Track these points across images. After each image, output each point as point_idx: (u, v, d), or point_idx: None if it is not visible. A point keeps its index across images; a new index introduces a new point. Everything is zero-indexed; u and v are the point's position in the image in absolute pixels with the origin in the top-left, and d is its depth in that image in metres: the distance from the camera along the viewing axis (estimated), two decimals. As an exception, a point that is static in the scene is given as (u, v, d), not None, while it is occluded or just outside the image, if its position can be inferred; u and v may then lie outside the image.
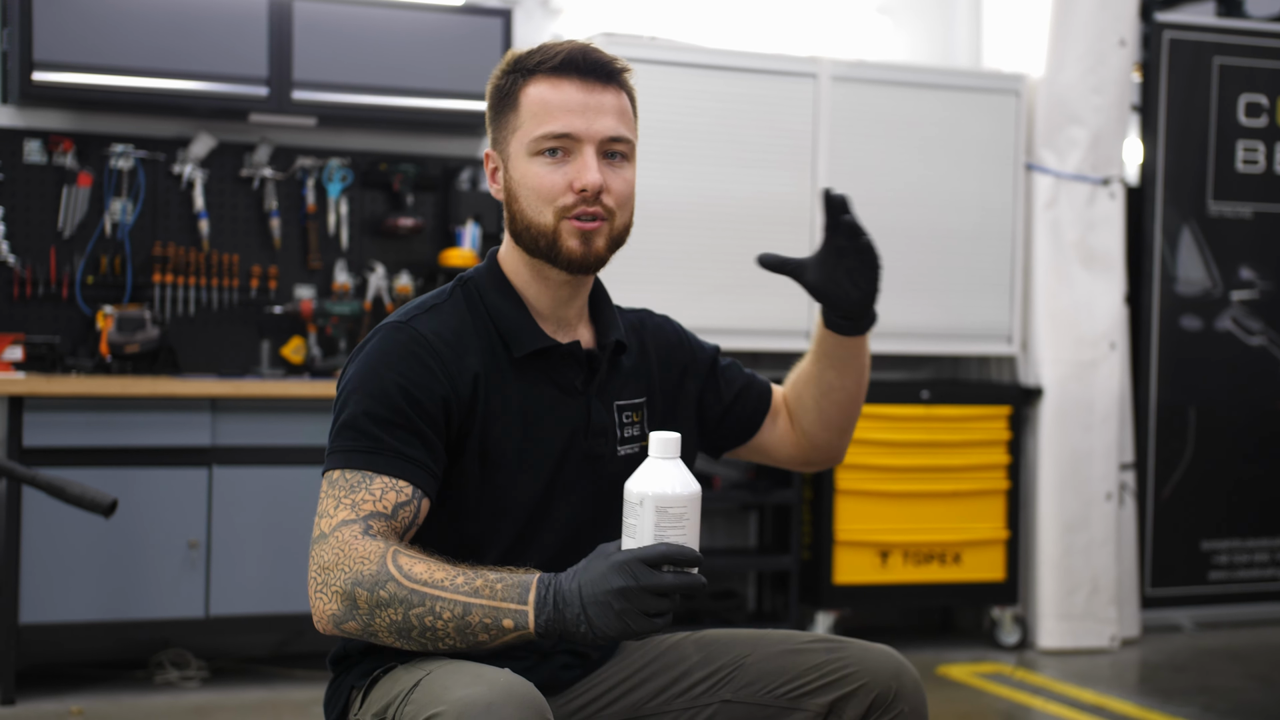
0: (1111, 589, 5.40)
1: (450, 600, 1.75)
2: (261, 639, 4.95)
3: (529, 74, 2.00)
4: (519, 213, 2.00)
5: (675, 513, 1.74)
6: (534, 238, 1.99)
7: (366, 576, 1.78)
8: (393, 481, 1.87)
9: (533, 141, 1.98)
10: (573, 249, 1.98)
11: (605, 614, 1.70)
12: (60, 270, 4.78)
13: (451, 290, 2.06)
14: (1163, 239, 5.72)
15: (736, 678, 2.03)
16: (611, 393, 2.09)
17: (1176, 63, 5.71)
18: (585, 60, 1.99)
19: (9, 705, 4.28)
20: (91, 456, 4.37)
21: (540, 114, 1.98)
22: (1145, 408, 5.69)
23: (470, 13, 5.01)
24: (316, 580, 1.82)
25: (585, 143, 1.97)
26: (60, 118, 4.81)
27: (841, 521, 5.16)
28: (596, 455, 2.05)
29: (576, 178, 1.96)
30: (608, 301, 2.15)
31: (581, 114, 1.98)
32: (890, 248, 5.25)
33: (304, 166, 5.03)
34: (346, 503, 1.86)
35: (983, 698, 4.66)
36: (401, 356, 1.94)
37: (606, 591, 1.70)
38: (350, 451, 1.89)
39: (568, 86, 1.98)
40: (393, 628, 1.77)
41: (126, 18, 4.59)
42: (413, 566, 1.78)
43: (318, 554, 1.83)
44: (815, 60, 5.23)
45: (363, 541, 1.81)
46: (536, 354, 2.02)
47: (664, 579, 1.70)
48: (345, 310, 4.94)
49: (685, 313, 3.62)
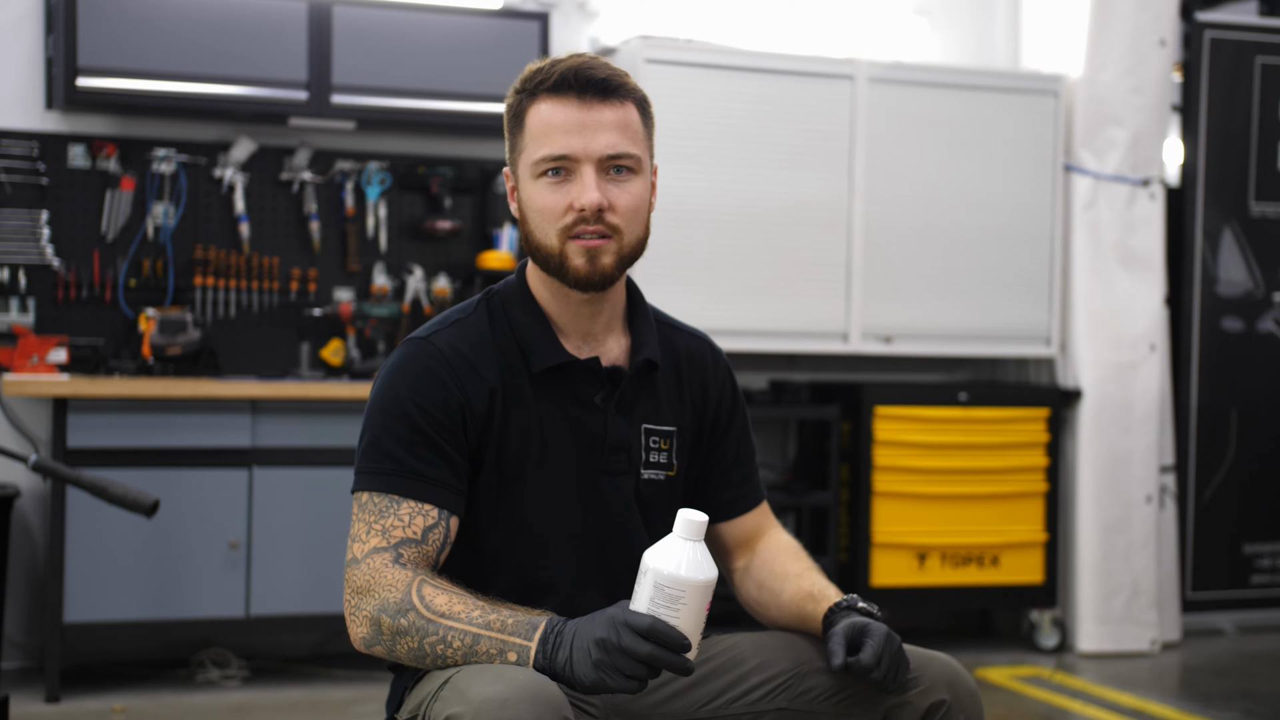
0: (1152, 592, 5.37)
1: (461, 631, 1.82)
2: (301, 638, 4.98)
3: (532, 94, 2.01)
4: (529, 233, 2.02)
5: (671, 593, 1.75)
6: (544, 258, 2.01)
7: (391, 604, 1.86)
8: (419, 506, 1.93)
9: (534, 164, 1.99)
10: (579, 267, 1.99)
11: (584, 661, 1.75)
12: (103, 273, 4.83)
13: (476, 304, 2.08)
14: (1203, 240, 5.68)
15: (793, 685, 2.02)
16: (640, 412, 2.09)
17: (1218, 62, 5.67)
18: (578, 78, 1.98)
19: (54, 703, 4.33)
20: (134, 457, 4.41)
21: (540, 136, 1.99)
22: (1186, 410, 5.65)
23: (507, 16, 5.03)
24: (350, 603, 1.91)
25: (584, 162, 1.97)
26: (103, 122, 4.86)
27: (879, 523, 5.15)
28: (616, 472, 2.06)
29: (576, 198, 1.97)
30: (645, 315, 2.14)
31: (579, 133, 1.97)
32: (928, 249, 5.30)
33: (343, 170, 5.06)
34: (377, 529, 1.92)
35: (1021, 701, 4.64)
36: (417, 373, 1.98)
37: (589, 640, 1.75)
38: (375, 474, 1.95)
39: (566, 105, 1.98)
40: (410, 654, 1.86)
41: (168, 23, 4.64)
42: (435, 598, 1.85)
43: (351, 578, 1.91)
44: (852, 62, 5.22)
45: (392, 570, 1.88)
46: (555, 369, 2.03)
47: (641, 646, 1.73)
48: (384, 312, 4.97)
49: (721, 314, 3.64)
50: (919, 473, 5.18)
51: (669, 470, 2.11)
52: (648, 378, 2.10)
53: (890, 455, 5.15)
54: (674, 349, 2.16)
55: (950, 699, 1.97)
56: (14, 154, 4.75)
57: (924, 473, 5.18)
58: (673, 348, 2.16)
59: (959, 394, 5.26)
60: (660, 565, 1.76)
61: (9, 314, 4.73)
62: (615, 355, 2.09)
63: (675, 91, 4.88)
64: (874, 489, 5.14)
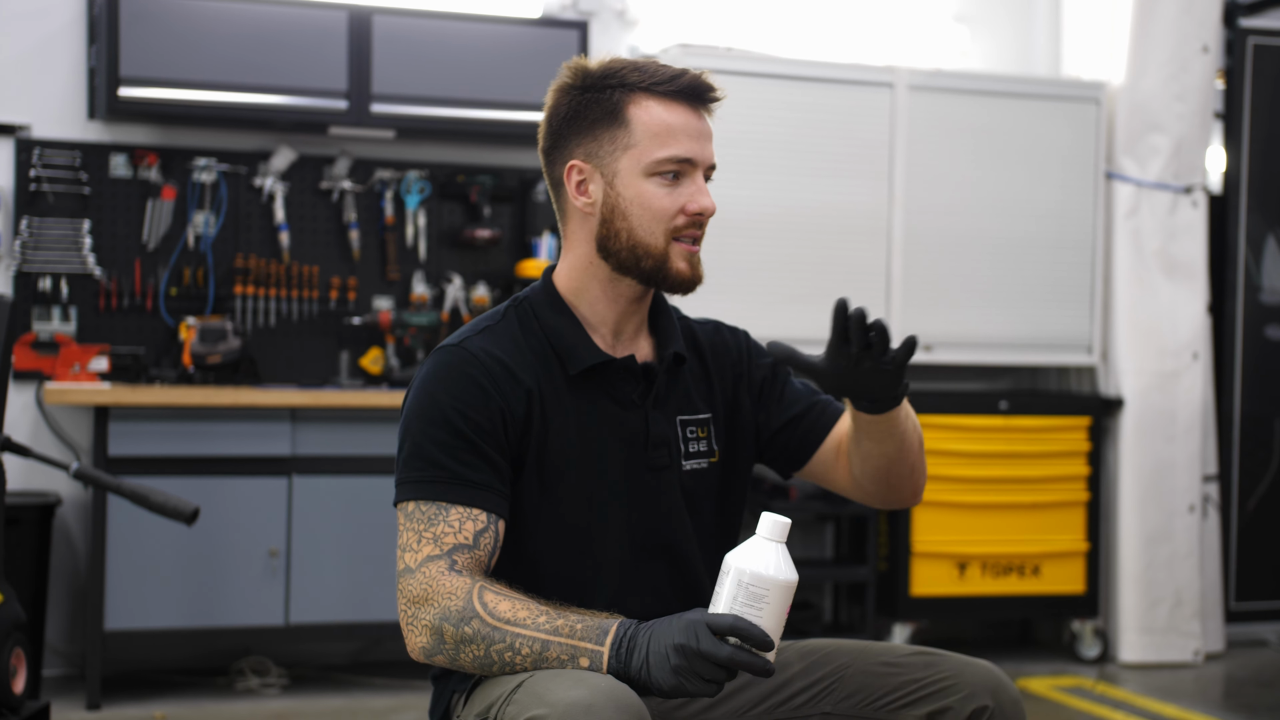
0: (1195, 602, 5.32)
1: (529, 637, 1.81)
2: (341, 647, 4.99)
3: (635, 90, 2.01)
4: (625, 230, 2.01)
5: (756, 591, 1.75)
6: (639, 257, 2.01)
7: (453, 613, 1.84)
8: (468, 511, 1.92)
9: (653, 163, 1.99)
10: (682, 271, 2.02)
11: (662, 667, 1.74)
12: (145, 282, 4.86)
13: (505, 311, 2.08)
14: (1247, 247, 5.63)
15: (836, 690, 2.02)
16: (673, 405, 2.09)
17: (1261, 69, 5.63)
18: (697, 88, 2.02)
19: (95, 710, 4.35)
20: (174, 466, 4.43)
21: (662, 135, 1.99)
22: (1229, 419, 5.60)
23: (547, 25, 5.04)
24: (406, 614, 1.89)
25: (700, 168, 2.02)
26: (145, 132, 4.89)
27: (919, 533, 5.12)
28: (659, 467, 2.06)
29: (691, 201, 2.00)
30: (667, 312, 2.14)
31: (697, 139, 2.02)
32: (968, 257, 5.27)
33: (382, 179, 5.07)
34: (428, 536, 1.91)
35: (1063, 711, 4.61)
36: (455, 379, 1.97)
37: (667, 646, 1.74)
38: (420, 482, 1.94)
39: (681, 110, 2.01)
40: (475, 662, 1.84)
41: (209, 34, 4.66)
42: (498, 604, 1.84)
43: (405, 587, 1.90)
44: (892, 70, 5.21)
45: (449, 578, 1.87)
46: (592, 369, 2.03)
47: (721, 649, 1.72)
48: (423, 321, 4.98)
49: (762, 322, 3.63)
50: (959, 481, 5.15)
51: (710, 457, 2.11)
52: (676, 371, 2.11)
53: (930, 464, 5.10)
54: (695, 341, 2.17)
55: (993, 705, 1.96)
56: (57, 164, 4.79)
57: (964, 482, 5.15)
58: (694, 339, 2.17)
59: (1000, 403, 5.23)
60: (745, 564, 1.76)
61: (51, 323, 4.76)
62: (646, 353, 2.10)
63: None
64: (914, 498, 5.10)
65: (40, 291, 4.75)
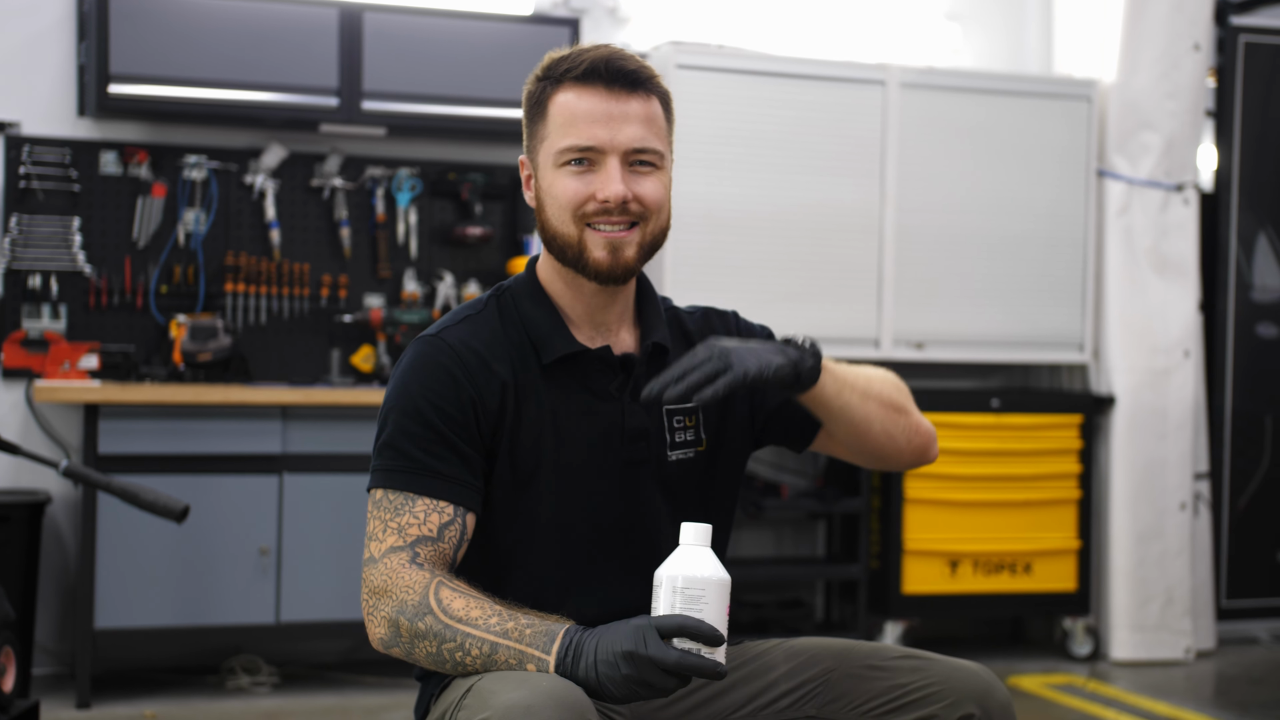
0: (1186, 600, 5.33)
1: (479, 639, 1.81)
2: (332, 645, 4.98)
3: (557, 81, 1.99)
4: (546, 222, 2.01)
5: (692, 594, 1.74)
6: (561, 248, 2.00)
7: (409, 607, 1.86)
8: (434, 503, 1.92)
9: (558, 153, 1.97)
10: (600, 260, 1.98)
11: (611, 674, 1.73)
12: (135, 280, 4.85)
13: (487, 300, 2.07)
14: (1238, 245, 5.64)
15: (822, 693, 2.01)
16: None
17: (1252, 67, 5.63)
18: (609, 68, 1.97)
19: (85, 709, 4.34)
20: (164, 463, 4.42)
21: (566, 125, 1.97)
22: (1220, 417, 5.61)
23: (538, 22, 5.03)
24: (367, 604, 1.92)
25: (609, 154, 1.96)
26: (135, 129, 4.88)
27: (910, 530, 5.12)
28: (636, 461, 2.04)
29: (600, 189, 1.96)
30: (653, 302, 2.12)
31: (606, 124, 1.96)
32: (960, 255, 5.27)
33: (373, 176, 5.07)
34: (393, 526, 1.92)
35: (1054, 709, 4.61)
36: (429, 371, 1.97)
37: (615, 653, 1.73)
38: (389, 471, 1.96)
39: (593, 95, 1.97)
40: (429, 658, 1.85)
41: (200, 30, 4.65)
42: (452, 601, 1.84)
43: (368, 577, 1.92)
44: (884, 67, 5.20)
45: (409, 571, 1.88)
46: (567, 360, 2.01)
47: (669, 654, 1.71)
48: (414, 319, 4.97)
49: (754, 319, 3.62)
50: (951, 479, 5.15)
51: (698, 446, 2.09)
52: (660, 362, 2.07)
53: (922, 462, 5.12)
54: (685, 331, 2.15)
55: (980, 713, 1.93)
56: (46, 161, 4.77)
57: (956, 479, 5.15)
58: (684, 330, 2.15)
59: (991, 400, 5.23)
60: (676, 571, 1.76)
61: (41, 320, 4.74)
62: (628, 345, 2.08)
63: (706, 97, 4.87)
64: (905, 496, 5.11)
65: (30, 289, 4.74)
